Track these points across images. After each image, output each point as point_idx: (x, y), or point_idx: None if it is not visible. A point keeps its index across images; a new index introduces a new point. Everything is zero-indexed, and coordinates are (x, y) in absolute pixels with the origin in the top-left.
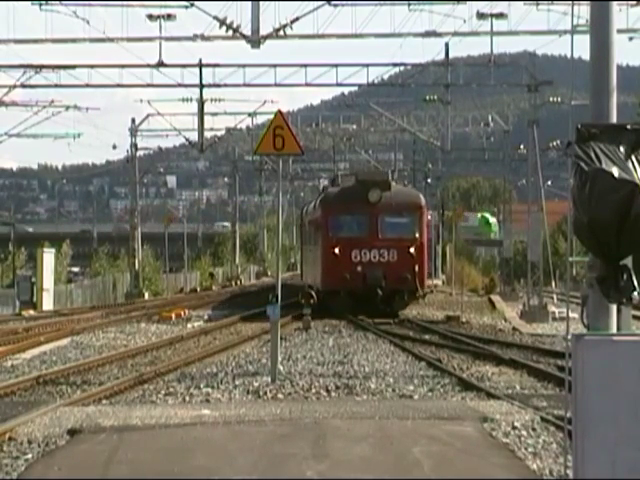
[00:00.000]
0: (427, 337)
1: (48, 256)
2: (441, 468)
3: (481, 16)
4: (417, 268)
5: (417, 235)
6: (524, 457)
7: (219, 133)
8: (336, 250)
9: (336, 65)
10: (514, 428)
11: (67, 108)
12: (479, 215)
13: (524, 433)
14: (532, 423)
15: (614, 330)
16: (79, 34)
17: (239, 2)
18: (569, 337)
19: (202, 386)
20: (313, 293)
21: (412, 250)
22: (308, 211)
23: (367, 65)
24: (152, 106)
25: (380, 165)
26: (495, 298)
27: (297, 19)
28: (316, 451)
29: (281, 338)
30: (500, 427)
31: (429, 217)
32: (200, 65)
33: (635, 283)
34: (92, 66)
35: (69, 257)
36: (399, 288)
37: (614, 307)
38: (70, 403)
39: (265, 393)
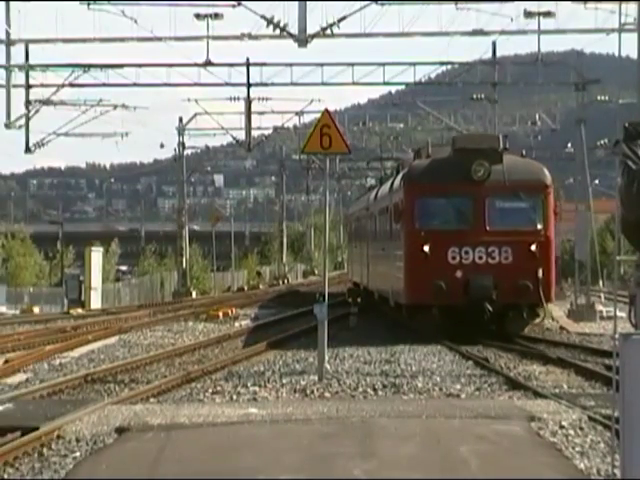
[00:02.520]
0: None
1: (96, 255)
2: (488, 467)
3: (528, 15)
4: (541, 273)
5: (541, 226)
6: (571, 456)
7: (266, 132)
8: (426, 248)
9: (383, 64)
10: (561, 427)
11: (115, 107)
12: None
13: (571, 432)
14: (579, 422)
15: None
16: (127, 33)
17: (286, 1)
18: (617, 336)
19: (249, 385)
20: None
21: (534, 247)
22: (377, 197)
23: (414, 64)
24: (199, 105)
25: None
26: None
27: (344, 18)
28: (363, 450)
29: (328, 337)
30: (547, 426)
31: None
32: (247, 64)
33: None
34: (140, 65)
35: (117, 256)
36: (516, 302)
37: None
38: (118, 401)
39: (312, 392)
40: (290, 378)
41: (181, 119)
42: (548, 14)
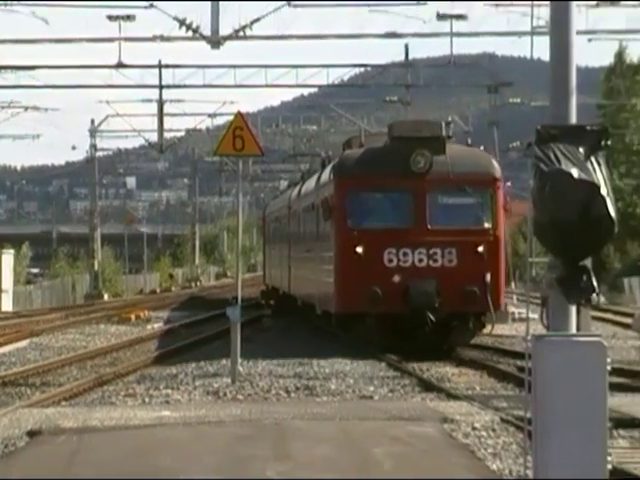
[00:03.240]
0: None
1: (7, 257)
2: (402, 468)
3: (441, 17)
4: (490, 277)
5: (490, 225)
6: (484, 458)
7: (179, 134)
8: (359, 249)
9: (296, 66)
10: (474, 429)
11: (26, 109)
12: None
13: (484, 434)
14: (492, 424)
15: (574, 331)
16: (39, 35)
17: (199, 2)
18: (529, 338)
19: (162, 387)
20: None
21: (482, 249)
22: (301, 193)
23: (327, 66)
24: (112, 107)
25: None
26: None
27: (257, 20)
28: (277, 452)
29: (242, 339)
30: (460, 428)
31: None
32: (160, 66)
33: (595, 284)
34: (52, 67)
35: (28, 258)
36: (461, 310)
37: (574, 308)
38: (29, 405)
39: (225, 394)
40: (203, 381)
41: (93, 121)
42: (461, 17)
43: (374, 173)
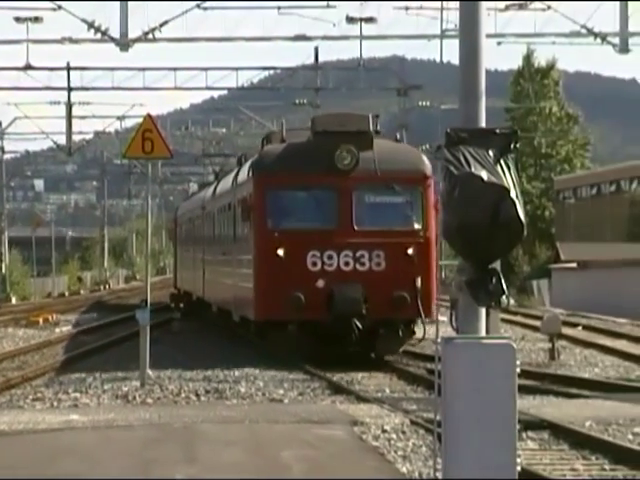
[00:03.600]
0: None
1: None
2: (311, 471)
3: (351, 20)
4: (420, 282)
5: (420, 225)
6: (394, 460)
7: (87, 136)
8: (280, 252)
9: (206, 69)
10: (384, 431)
11: None
12: None
13: (394, 436)
14: (402, 426)
15: (483, 333)
16: None
17: (108, 3)
18: (439, 340)
19: (70, 391)
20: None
21: (411, 251)
22: (215, 193)
23: (237, 69)
24: (19, 109)
25: None
26: None
27: (166, 22)
28: (186, 456)
29: (151, 342)
30: (370, 430)
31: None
32: (68, 68)
33: (504, 287)
34: None
35: None
36: (390, 317)
37: (483, 310)
38: None
39: (134, 398)
40: (112, 384)
41: (0, 123)
42: (370, 20)
43: (296, 170)
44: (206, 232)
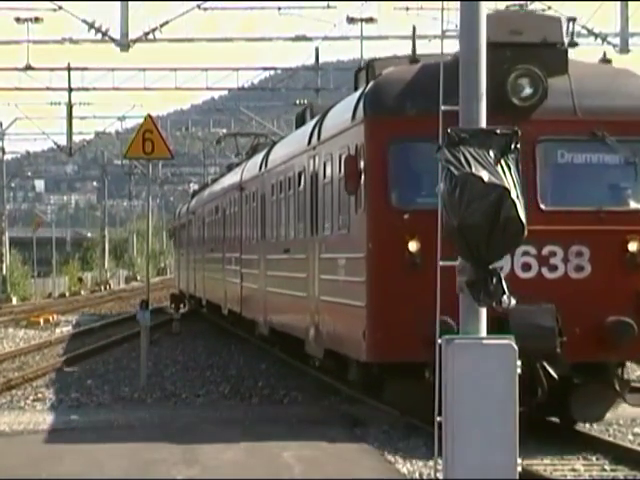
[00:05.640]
0: None
1: None
2: (311, 471)
3: (351, 20)
4: None
5: None
6: (394, 460)
7: (88, 137)
8: (412, 246)
9: (206, 69)
10: (384, 432)
11: None
12: None
13: (394, 436)
14: (402, 426)
15: (484, 334)
16: None
17: (108, 3)
18: (439, 340)
19: (71, 392)
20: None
21: (635, 246)
22: (266, 163)
23: (237, 69)
24: (20, 109)
25: None
26: None
27: (167, 23)
28: (186, 456)
29: (151, 342)
30: (370, 430)
31: None
32: (69, 68)
33: (505, 287)
34: None
35: None
36: (600, 358)
37: (484, 311)
38: None
39: (134, 398)
40: (112, 385)
41: (1, 124)
42: (370, 20)
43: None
44: (248, 221)
